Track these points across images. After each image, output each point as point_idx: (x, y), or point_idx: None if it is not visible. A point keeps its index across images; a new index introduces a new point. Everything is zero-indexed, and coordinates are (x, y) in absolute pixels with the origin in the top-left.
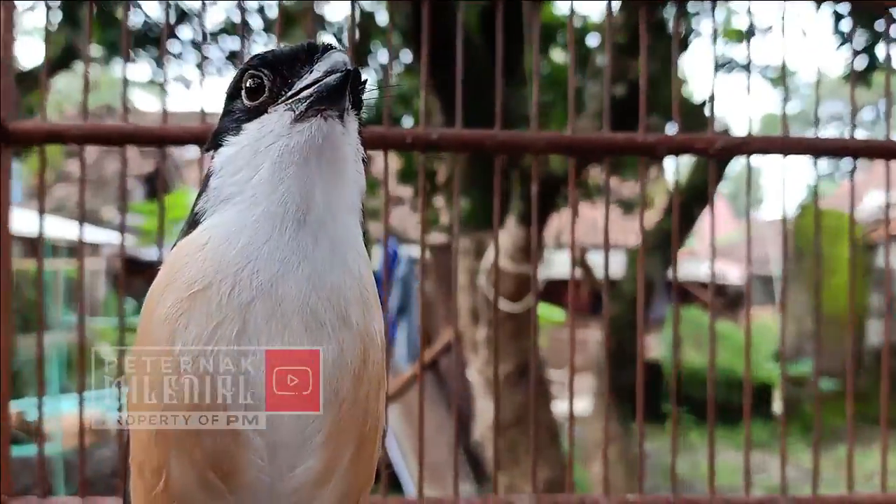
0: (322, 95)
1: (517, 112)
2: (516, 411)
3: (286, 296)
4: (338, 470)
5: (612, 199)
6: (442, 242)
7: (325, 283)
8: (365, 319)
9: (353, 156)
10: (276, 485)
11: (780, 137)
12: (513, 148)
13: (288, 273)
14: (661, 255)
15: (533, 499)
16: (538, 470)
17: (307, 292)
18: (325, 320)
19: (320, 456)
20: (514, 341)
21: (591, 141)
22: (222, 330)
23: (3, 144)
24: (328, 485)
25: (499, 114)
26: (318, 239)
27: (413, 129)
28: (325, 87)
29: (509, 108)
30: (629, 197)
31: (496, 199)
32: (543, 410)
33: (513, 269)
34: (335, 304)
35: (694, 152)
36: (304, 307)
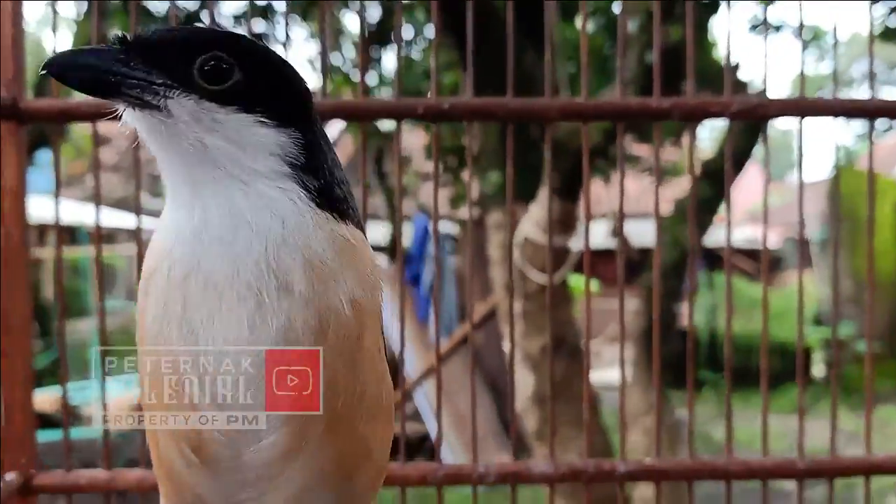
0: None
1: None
2: (555, 383)
3: (214, 269)
4: (305, 448)
5: (643, 167)
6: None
7: (249, 253)
8: (317, 288)
9: (217, 130)
10: (240, 458)
11: (797, 99)
12: (525, 116)
13: (209, 248)
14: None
15: (550, 464)
16: (576, 440)
17: (232, 264)
18: (261, 289)
19: (280, 433)
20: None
21: (605, 107)
22: (169, 308)
23: (16, 123)
24: (295, 461)
25: (510, 81)
26: (228, 214)
27: (424, 98)
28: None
29: (535, 77)
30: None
31: (508, 167)
32: (579, 381)
33: (546, 241)
34: (268, 273)
35: (710, 116)
36: (235, 278)
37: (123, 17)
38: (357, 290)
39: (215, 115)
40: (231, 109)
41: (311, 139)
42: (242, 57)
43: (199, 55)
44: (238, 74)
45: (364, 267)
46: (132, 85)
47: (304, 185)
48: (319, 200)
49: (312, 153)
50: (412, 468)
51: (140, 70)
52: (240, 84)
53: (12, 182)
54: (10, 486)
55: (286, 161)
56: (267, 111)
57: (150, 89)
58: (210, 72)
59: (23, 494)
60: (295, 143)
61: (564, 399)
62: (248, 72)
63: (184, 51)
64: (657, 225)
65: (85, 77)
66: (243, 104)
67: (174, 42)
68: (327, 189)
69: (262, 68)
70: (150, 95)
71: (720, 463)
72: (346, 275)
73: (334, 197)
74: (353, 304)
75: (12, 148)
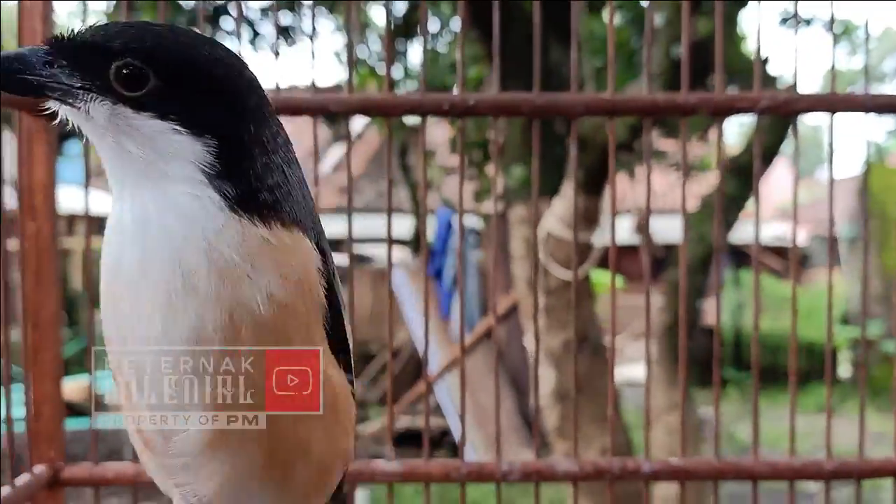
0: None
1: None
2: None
3: (131, 269)
4: (228, 439)
5: (669, 162)
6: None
7: (158, 253)
8: (227, 288)
9: (132, 136)
10: (171, 444)
11: (828, 95)
12: (550, 111)
13: (128, 245)
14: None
15: (575, 462)
16: (598, 437)
17: (142, 264)
18: (170, 289)
19: (198, 418)
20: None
21: (632, 102)
22: (105, 305)
23: (48, 118)
24: (220, 451)
25: (536, 76)
26: (142, 214)
27: (450, 94)
28: None
29: (560, 71)
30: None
31: (534, 162)
32: (602, 378)
33: (570, 236)
34: (174, 272)
35: (738, 112)
36: (147, 278)
37: (152, 11)
38: (279, 290)
39: (130, 122)
40: (146, 116)
41: (236, 143)
42: (157, 62)
43: (113, 60)
44: (154, 80)
45: (289, 266)
46: (53, 88)
47: (219, 191)
48: (236, 205)
49: (234, 159)
50: (436, 464)
51: (64, 72)
52: (156, 90)
53: (42, 177)
54: (38, 478)
55: (201, 169)
56: (182, 118)
57: (71, 93)
58: (126, 77)
59: (51, 487)
60: (210, 151)
61: (586, 396)
62: (165, 77)
63: (100, 55)
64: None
65: (9, 79)
66: (158, 110)
67: (92, 45)
68: (248, 195)
69: (180, 73)
70: (71, 98)
71: (746, 463)
72: (262, 275)
73: (260, 202)
74: (272, 303)
75: (42, 143)
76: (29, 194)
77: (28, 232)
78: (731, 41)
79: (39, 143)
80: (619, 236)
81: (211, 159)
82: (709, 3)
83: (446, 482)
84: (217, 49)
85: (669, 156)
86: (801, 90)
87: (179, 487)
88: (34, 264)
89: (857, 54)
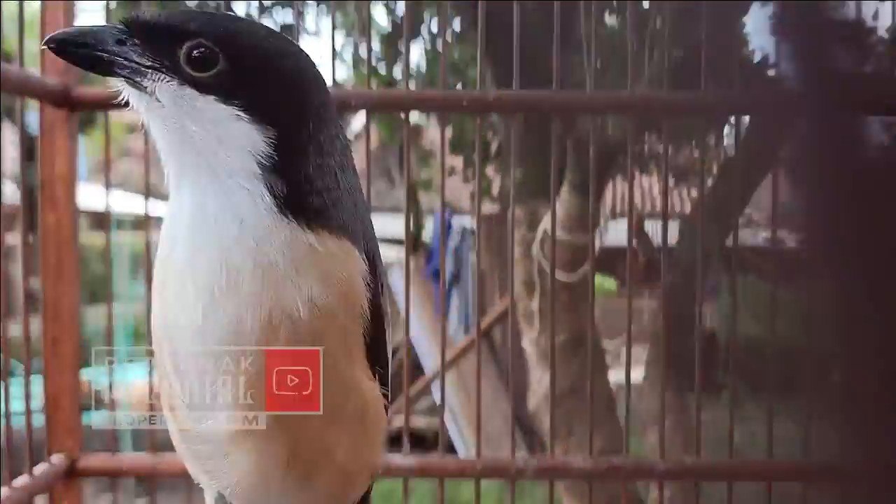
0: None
1: (571, 78)
2: (572, 381)
3: (181, 259)
4: (252, 432)
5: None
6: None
7: (206, 248)
8: (269, 290)
9: (196, 118)
10: (199, 429)
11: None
12: (571, 108)
13: (180, 237)
14: (718, 222)
15: (588, 460)
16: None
17: (192, 256)
18: (214, 283)
19: (226, 414)
20: (568, 311)
21: (653, 100)
22: (156, 289)
23: (67, 110)
24: (243, 444)
25: (556, 74)
26: (197, 205)
27: (470, 91)
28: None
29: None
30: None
31: (553, 163)
32: (598, 380)
33: (568, 238)
34: (220, 269)
35: (754, 111)
36: (193, 271)
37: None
38: (320, 297)
39: (195, 103)
40: (210, 98)
41: (294, 139)
42: (229, 46)
43: (186, 41)
44: (223, 63)
45: (333, 274)
46: (123, 65)
47: (270, 188)
48: (286, 206)
49: (289, 155)
50: (451, 461)
51: (135, 51)
52: (223, 73)
53: (63, 169)
54: (56, 468)
55: (256, 160)
56: (246, 104)
57: (140, 71)
58: (196, 58)
59: (68, 476)
60: (269, 143)
61: (582, 397)
62: (234, 62)
63: (173, 35)
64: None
65: (81, 54)
66: (223, 94)
67: (165, 26)
68: (298, 196)
69: (249, 59)
70: (139, 77)
71: (760, 463)
72: (305, 279)
73: (307, 205)
74: (312, 308)
75: (63, 135)
76: (50, 186)
77: (48, 224)
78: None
79: (60, 135)
80: (616, 238)
81: (268, 151)
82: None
83: (461, 478)
84: (288, 44)
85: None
86: None
87: (208, 474)
88: (54, 257)
89: None
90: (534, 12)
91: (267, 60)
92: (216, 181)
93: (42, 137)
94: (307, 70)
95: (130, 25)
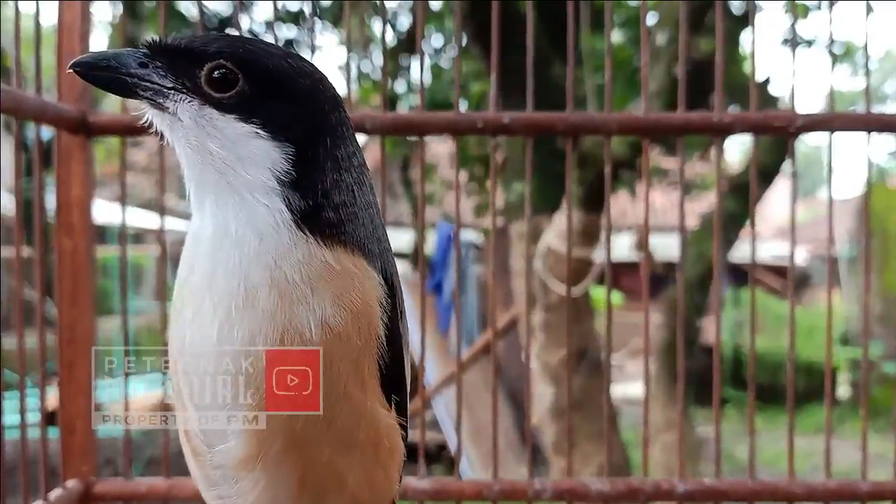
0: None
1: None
2: (575, 395)
3: (201, 274)
4: (264, 459)
5: (669, 180)
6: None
7: (226, 265)
8: (283, 309)
9: (217, 137)
10: (212, 455)
11: (864, 114)
12: (585, 130)
13: (201, 254)
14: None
15: (607, 482)
16: (595, 454)
17: (211, 273)
18: (230, 302)
19: (240, 439)
20: (572, 325)
21: (666, 121)
22: (175, 306)
23: (84, 137)
24: (254, 471)
25: (569, 95)
26: (218, 223)
27: (484, 113)
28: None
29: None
30: (688, 179)
31: (567, 180)
32: (601, 395)
33: None
34: (238, 286)
35: (772, 131)
36: (212, 288)
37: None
38: (332, 317)
39: (215, 123)
40: (230, 118)
41: (311, 156)
42: (248, 67)
43: (206, 62)
44: (243, 84)
45: (347, 295)
46: (146, 87)
47: (288, 203)
48: (303, 221)
49: (306, 172)
50: (468, 483)
51: (157, 73)
52: (243, 94)
53: (79, 195)
54: (70, 493)
55: (275, 176)
56: (265, 123)
57: (162, 93)
58: (217, 79)
59: (83, 502)
60: (287, 159)
61: (585, 413)
62: (253, 83)
63: (194, 57)
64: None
65: (105, 77)
66: (243, 114)
67: (186, 48)
68: (316, 211)
69: (267, 81)
70: (161, 98)
71: (782, 484)
72: (319, 299)
73: (323, 220)
74: (324, 329)
75: (79, 161)
76: (66, 212)
77: (64, 249)
78: (733, 60)
79: (76, 161)
80: (619, 253)
81: (287, 167)
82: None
83: (479, 500)
84: (305, 63)
85: (671, 174)
86: (800, 110)
87: (220, 500)
88: (70, 282)
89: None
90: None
91: (285, 80)
92: (236, 198)
93: (58, 163)
94: (324, 89)
95: (152, 48)
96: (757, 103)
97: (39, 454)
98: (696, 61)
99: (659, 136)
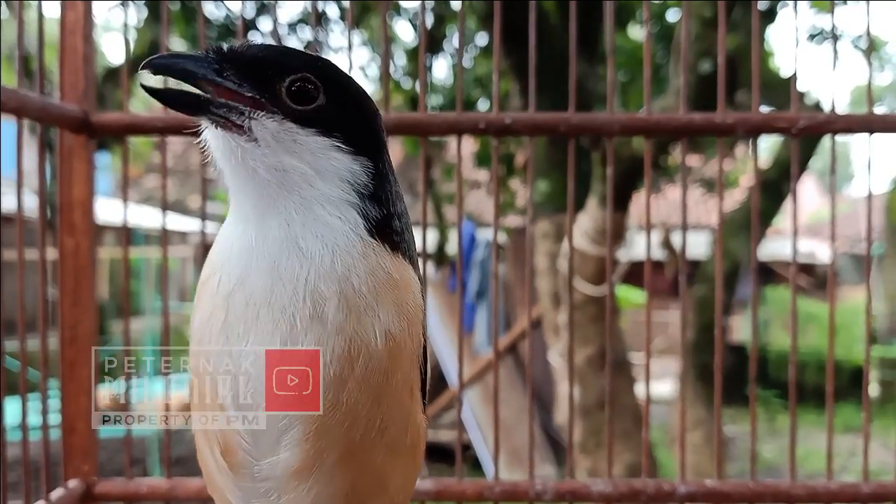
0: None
1: (595, 91)
2: (599, 395)
3: (256, 288)
4: (318, 470)
5: (695, 178)
6: (520, 225)
7: (291, 279)
8: (351, 320)
9: (295, 151)
10: (259, 468)
11: (865, 115)
12: (588, 130)
13: (257, 267)
14: (746, 234)
15: (609, 483)
16: (622, 453)
17: (272, 286)
18: (294, 315)
19: (294, 451)
20: (595, 324)
21: (668, 122)
22: (213, 319)
23: (86, 137)
24: (306, 482)
25: (572, 96)
26: (283, 237)
27: (486, 113)
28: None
29: (587, 87)
30: (712, 177)
31: (570, 182)
32: (626, 394)
33: (594, 251)
34: (304, 299)
35: (775, 132)
36: (272, 301)
37: (182, 23)
38: (393, 326)
39: (296, 136)
40: (311, 131)
41: (380, 169)
42: (328, 82)
43: (289, 74)
44: (322, 98)
45: (404, 303)
46: (220, 104)
47: (364, 214)
48: (375, 231)
49: (380, 183)
50: (469, 484)
51: (232, 81)
52: (323, 108)
53: (81, 195)
54: (72, 493)
55: (354, 189)
56: (344, 137)
57: (236, 110)
58: (297, 92)
59: (85, 501)
60: (366, 172)
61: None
62: (332, 97)
63: (276, 69)
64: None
65: (175, 97)
66: (323, 128)
67: (267, 59)
68: (386, 220)
69: (344, 95)
70: (236, 115)
71: (783, 486)
72: (383, 309)
73: (391, 229)
74: (387, 338)
75: (82, 161)
76: (68, 211)
77: (66, 248)
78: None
79: (79, 161)
80: (642, 251)
81: (366, 180)
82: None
83: (479, 501)
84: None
85: (694, 171)
86: (828, 107)
87: None
88: (72, 281)
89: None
90: (557, 26)
91: (354, 97)
92: (307, 212)
93: (61, 163)
94: (377, 108)
95: (223, 55)
96: (784, 99)
97: (41, 454)
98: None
99: (661, 137)
